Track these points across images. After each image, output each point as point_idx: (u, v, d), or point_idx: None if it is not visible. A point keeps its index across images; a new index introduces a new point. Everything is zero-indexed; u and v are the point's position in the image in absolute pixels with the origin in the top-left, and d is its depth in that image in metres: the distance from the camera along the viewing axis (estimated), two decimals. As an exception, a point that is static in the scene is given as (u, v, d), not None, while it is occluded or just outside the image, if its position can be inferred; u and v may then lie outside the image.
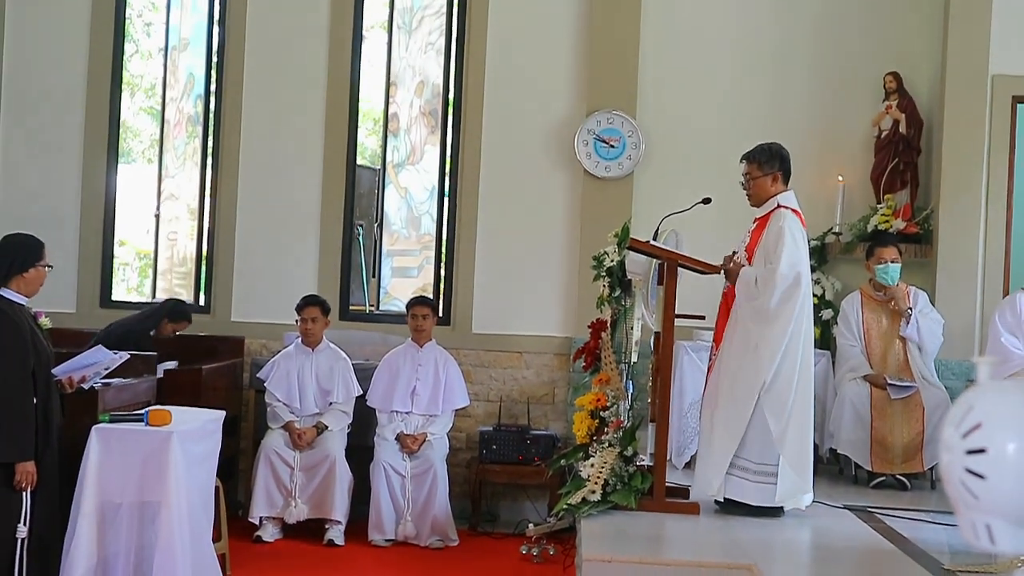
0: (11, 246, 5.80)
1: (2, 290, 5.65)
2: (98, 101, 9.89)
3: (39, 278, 5.80)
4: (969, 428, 2.01)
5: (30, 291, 5.78)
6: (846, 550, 5.91)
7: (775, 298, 6.27)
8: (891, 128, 9.02)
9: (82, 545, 5.74)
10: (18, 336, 5.55)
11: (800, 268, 6.32)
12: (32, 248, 5.80)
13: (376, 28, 10.14)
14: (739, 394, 6.31)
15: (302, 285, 9.36)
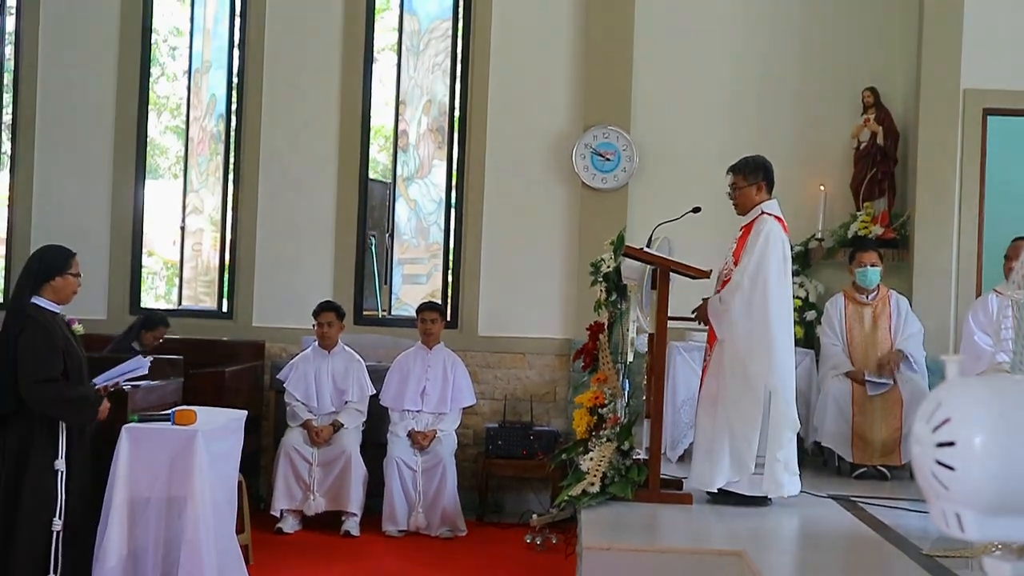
0: (41, 256, 5.77)
1: (35, 298, 5.60)
2: (126, 120, 9.91)
3: (67, 287, 5.71)
4: (939, 423, 2.02)
5: (60, 299, 5.70)
6: (831, 537, 5.88)
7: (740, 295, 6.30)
8: (869, 140, 9.02)
9: (113, 537, 5.74)
10: (49, 340, 5.50)
11: (763, 269, 6.31)
12: (60, 258, 5.73)
13: (386, 51, 10.16)
14: (741, 401, 6.29)
15: (318, 292, 9.36)
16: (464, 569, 7.56)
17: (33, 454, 5.48)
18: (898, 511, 6.54)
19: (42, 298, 5.63)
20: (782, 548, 5.70)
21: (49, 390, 5.48)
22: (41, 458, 5.50)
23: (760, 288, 6.31)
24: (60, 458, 5.53)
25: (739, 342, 6.32)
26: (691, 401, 8.11)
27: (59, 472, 5.52)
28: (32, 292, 5.62)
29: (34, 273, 5.66)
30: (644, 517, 6.02)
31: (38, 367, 5.45)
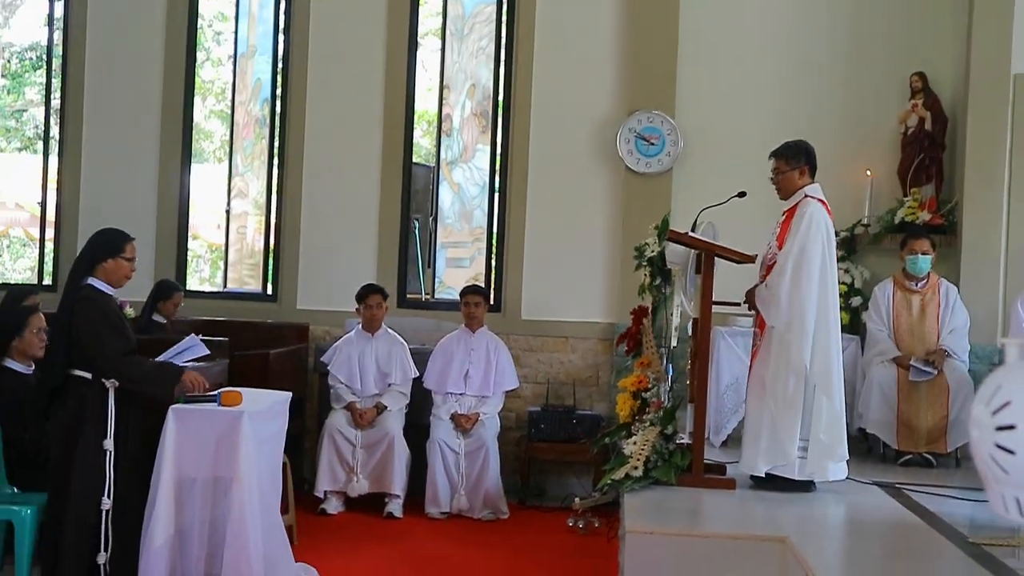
0: (96, 239, 5.75)
1: (90, 279, 5.61)
2: (173, 105, 9.96)
3: (119, 270, 5.68)
4: (999, 406, 1.98)
5: (112, 281, 5.68)
6: (875, 524, 5.84)
7: (783, 280, 6.26)
8: (917, 125, 8.92)
9: (161, 517, 5.76)
10: (106, 320, 5.53)
11: (806, 252, 6.27)
12: (112, 241, 5.71)
13: (430, 35, 10.15)
14: (784, 386, 6.25)
15: (362, 275, 9.37)
16: (506, 552, 7.56)
17: (83, 432, 5.49)
18: (944, 498, 6.50)
19: (96, 279, 5.63)
20: (827, 535, 5.66)
21: (135, 363, 5.60)
22: (91, 437, 5.51)
23: (804, 271, 6.28)
24: (109, 437, 5.55)
25: (782, 326, 6.28)
26: (735, 386, 8.10)
27: (107, 451, 5.54)
28: (86, 273, 5.63)
29: (89, 254, 5.68)
30: (687, 502, 6.00)
31: (119, 342, 5.54)
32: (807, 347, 6.21)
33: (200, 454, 5.81)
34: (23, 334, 6.35)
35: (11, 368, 6.30)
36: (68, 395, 5.53)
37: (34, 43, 13.01)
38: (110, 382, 5.55)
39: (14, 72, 14.96)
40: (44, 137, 10.43)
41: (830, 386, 6.30)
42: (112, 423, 5.57)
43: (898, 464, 7.76)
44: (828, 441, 6.31)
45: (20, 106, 15.14)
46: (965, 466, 7.81)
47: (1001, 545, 5.14)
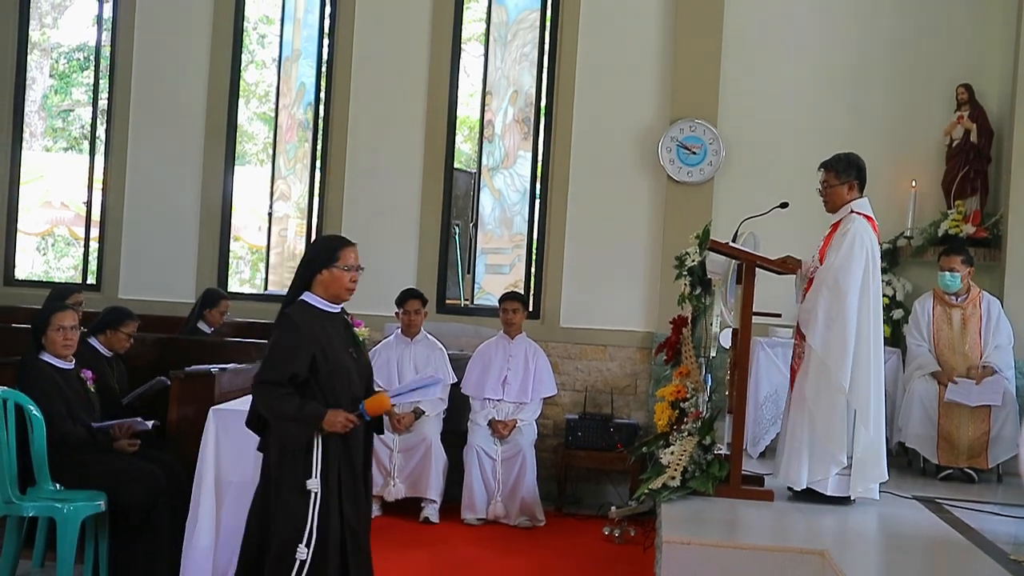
0: (311, 246, 5.14)
1: (306, 294, 4.87)
2: (217, 107, 10.05)
3: (336, 281, 4.84)
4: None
5: (331, 295, 4.87)
6: (914, 539, 5.79)
7: (823, 298, 6.22)
8: (962, 137, 8.85)
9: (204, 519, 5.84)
10: (292, 340, 4.73)
11: (845, 271, 6.22)
12: (328, 249, 4.90)
13: (473, 41, 10.17)
14: (823, 401, 6.23)
15: (402, 280, 9.41)
16: (542, 559, 7.55)
17: (284, 471, 4.75)
18: (985, 515, 6.44)
19: (312, 294, 4.86)
20: (865, 549, 5.62)
21: (262, 393, 4.76)
22: (290, 476, 4.73)
23: (842, 290, 6.21)
24: (315, 476, 4.72)
25: (820, 348, 6.23)
26: (773, 397, 8.06)
27: (311, 492, 4.71)
28: (302, 287, 4.88)
29: (304, 265, 4.92)
30: (724, 513, 5.97)
31: (263, 367, 4.76)
32: (846, 370, 6.15)
33: (241, 457, 5.83)
34: (47, 333, 6.35)
35: (50, 362, 6.33)
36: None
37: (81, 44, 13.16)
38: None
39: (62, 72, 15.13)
40: (91, 137, 10.54)
41: (868, 411, 6.23)
42: (319, 457, 4.74)
43: (938, 479, 7.70)
44: (864, 463, 6.26)
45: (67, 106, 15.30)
46: (1007, 482, 7.74)
47: (1043, 563, 5.10)
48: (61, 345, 6.34)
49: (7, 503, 5.87)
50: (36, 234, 13.47)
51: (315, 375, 4.74)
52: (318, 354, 4.70)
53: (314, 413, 4.68)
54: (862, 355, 6.23)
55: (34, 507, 5.89)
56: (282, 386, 4.68)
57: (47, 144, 13.53)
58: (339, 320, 4.92)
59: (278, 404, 4.71)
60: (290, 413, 4.68)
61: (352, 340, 4.98)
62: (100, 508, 6.04)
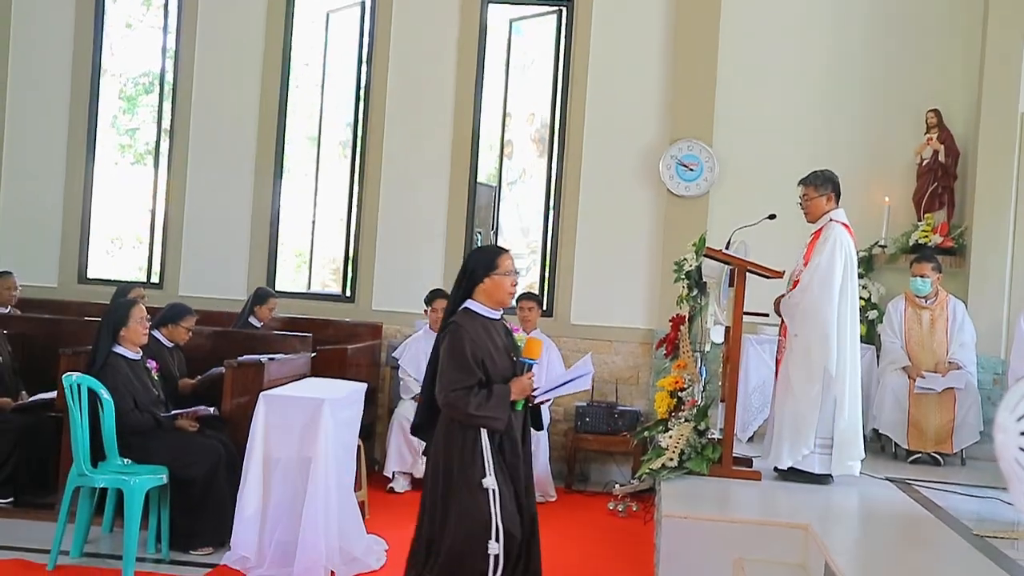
0: (470, 256, 4.67)
1: (469, 302, 4.52)
2: (267, 126, 10.03)
3: (498, 288, 4.50)
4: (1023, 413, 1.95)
5: (493, 302, 4.52)
6: (888, 515, 5.76)
7: (808, 294, 6.25)
8: (931, 157, 8.83)
9: (251, 491, 5.85)
10: (470, 346, 4.35)
11: (830, 271, 6.23)
12: (488, 258, 4.54)
13: (495, 68, 10.14)
14: (806, 388, 6.21)
15: (430, 281, 9.41)
16: (554, 531, 7.49)
17: (457, 472, 4.37)
18: (950, 494, 6.42)
19: (475, 302, 4.51)
20: (844, 523, 5.59)
21: (457, 401, 4.30)
22: (465, 477, 4.35)
23: (826, 289, 6.24)
24: (489, 474, 4.36)
25: (805, 336, 6.23)
26: (761, 388, 8.04)
27: (489, 490, 4.34)
28: (465, 295, 4.54)
29: (465, 275, 4.55)
30: (717, 490, 5.95)
31: (450, 376, 4.33)
32: (826, 355, 6.17)
33: (287, 436, 5.85)
34: (129, 324, 6.38)
35: (122, 354, 6.36)
36: (439, 423, 4.48)
37: (146, 71, 13.18)
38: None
39: (129, 95, 15.18)
40: (155, 152, 10.55)
41: (844, 396, 6.25)
42: (491, 453, 4.36)
43: (908, 462, 7.67)
44: (843, 443, 6.25)
45: (133, 125, 15.35)
46: (970, 465, 7.72)
47: (1003, 537, 5.07)
48: (141, 335, 6.40)
49: (81, 475, 5.89)
50: (106, 238, 13.53)
51: (487, 372, 4.41)
52: (487, 359, 4.38)
53: (503, 394, 4.35)
54: (840, 346, 6.23)
55: (104, 479, 5.91)
56: (472, 388, 4.31)
57: (116, 159, 13.56)
58: (500, 326, 4.58)
59: (476, 405, 4.28)
60: (489, 407, 4.30)
61: (513, 346, 4.62)
62: (162, 481, 6.06)
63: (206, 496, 6.25)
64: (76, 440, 5.89)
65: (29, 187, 10.32)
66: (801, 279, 6.37)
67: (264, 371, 6.52)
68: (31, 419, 7.12)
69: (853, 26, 9.25)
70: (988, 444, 8.00)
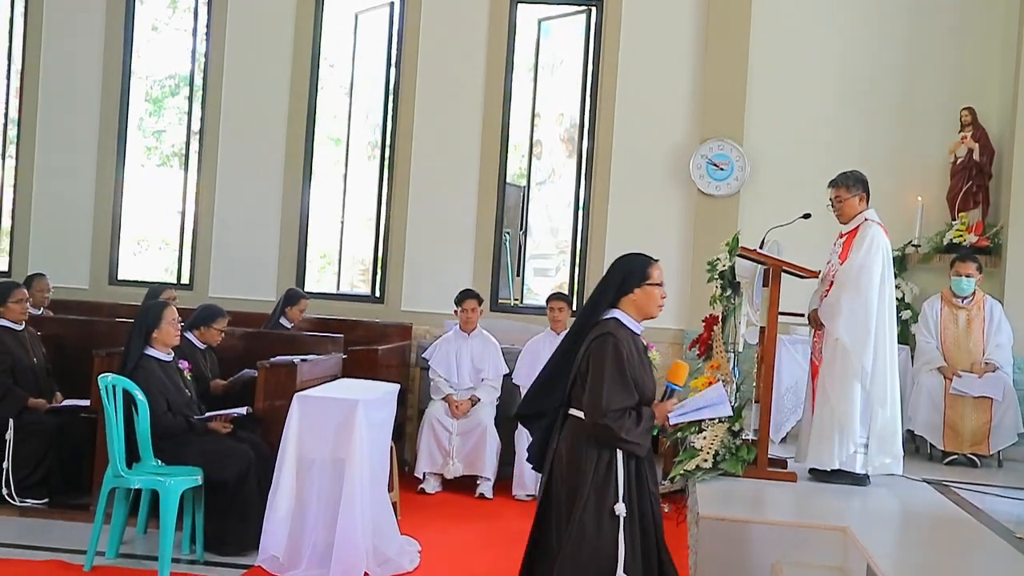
0: (619, 267, 4.32)
1: (614, 311, 4.21)
2: (296, 129, 10.06)
3: (649, 298, 4.23)
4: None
5: (642, 315, 4.25)
6: (928, 517, 5.71)
7: (847, 293, 6.19)
8: (966, 155, 8.76)
9: (284, 492, 5.86)
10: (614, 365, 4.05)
11: (870, 269, 6.19)
12: (640, 267, 4.27)
13: (524, 69, 10.14)
14: (847, 388, 6.17)
15: (460, 281, 9.41)
16: (585, 532, 7.50)
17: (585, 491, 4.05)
18: (989, 496, 6.35)
19: (623, 312, 4.21)
20: (883, 526, 5.52)
21: (616, 423, 4.01)
22: (595, 498, 4.05)
23: (864, 286, 6.20)
24: (620, 500, 4.07)
25: (844, 335, 6.18)
26: (794, 388, 7.98)
27: (620, 518, 4.05)
28: (610, 305, 4.24)
29: (613, 285, 4.25)
30: (753, 492, 5.90)
31: (610, 396, 4.02)
32: (867, 355, 6.12)
33: (320, 438, 5.85)
34: (161, 326, 6.40)
35: (153, 356, 6.38)
36: (563, 436, 4.18)
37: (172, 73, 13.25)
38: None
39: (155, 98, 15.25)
40: (185, 154, 10.59)
41: (884, 393, 6.22)
42: (624, 476, 4.08)
43: (944, 463, 7.60)
44: (883, 439, 6.22)
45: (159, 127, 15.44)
46: (1007, 467, 7.65)
47: (1047, 541, 5.01)
48: (173, 336, 6.43)
49: (116, 476, 5.91)
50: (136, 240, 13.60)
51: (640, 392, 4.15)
52: (637, 378, 4.11)
53: (650, 418, 4.11)
54: (879, 344, 6.20)
55: (140, 480, 5.92)
56: (628, 411, 4.05)
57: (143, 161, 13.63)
58: (640, 342, 4.25)
59: (631, 428, 4.02)
60: (638, 432, 4.05)
61: (649, 363, 4.33)
62: (197, 482, 6.07)
63: (236, 499, 6.26)
64: (112, 441, 5.91)
65: (60, 189, 10.40)
66: (837, 278, 6.32)
67: (297, 372, 6.53)
68: (64, 420, 7.15)
69: (886, 23, 9.18)
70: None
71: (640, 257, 4.34)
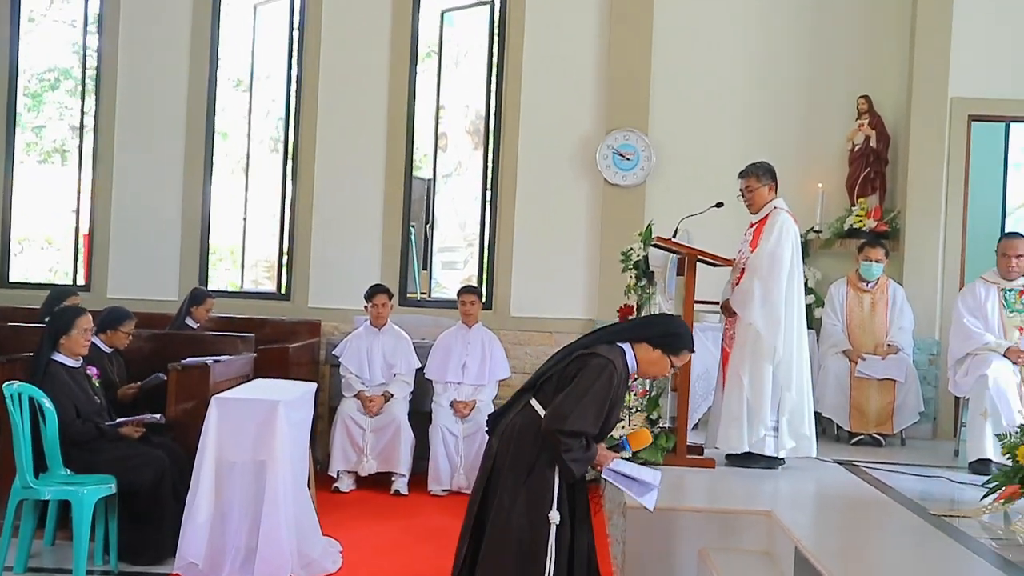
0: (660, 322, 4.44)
1: (626, 346, 4.27)
2: (196, 122, 9.82)
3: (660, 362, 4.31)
4: None
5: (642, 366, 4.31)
6: (845, 498, 5.85)
7: (758, 279, 6.33)
8: (863, 143, 8.99)
9: (203, 496, 5.71)
10: (611, 392, 4.13)
11: (780, 256, 6.34)
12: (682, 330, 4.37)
13: (429, 61, 10.08)
14: (759, 372, 6.30)
15: (367, 276, 9.32)
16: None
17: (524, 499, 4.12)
18: (896, 474, 6.54)
19: (632, 353, 4.27)
20: (805, 508, 5.67)
21: (569, 443, 4.05)
22: (528, 497, 4.12)
23: (775, 272, 6.34)
24: (554, 508, 4.12)
25: (757, 320, 6.31)
26: (705, 375, 8.07)
27: (552, 526, 4.10)
28: (628, 339, 4.30)
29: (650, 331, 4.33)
30: (674, 480, 5.96)
31: (577, 415, 4.04)
32: (779, 339, 6.27)
33: (241, 440, 5.74)
34: (71, 333, 6.20)
35: (61, 362, 6.18)
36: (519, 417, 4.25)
37: (52, 66, 12.81)
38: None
39: (34, 92, 14.72)
40: (79, 150, 10.23)
41: (793, 377, 6.37)
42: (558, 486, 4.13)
43: (850, 444, 7.83)
44: (791, 421, 6.37)
45: (39, 122, 14.92)
46: (910, 445, 7.90)
47: (959, 516, 5.18)
48: (82, 345, 6.22)
49: (25, 488, 5.70)
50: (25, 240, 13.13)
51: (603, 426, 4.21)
52: (608, 415, 4.17)
53: (594, 455, 4.18)
54: (789, 329, 6.38)
55: (51, 491, 5.72)
56: (585, 438, 4.09)
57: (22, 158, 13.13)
58: (627, 382, 4.31)
59: (577, 452, 4.07)
60: (580, 459, 4.08)
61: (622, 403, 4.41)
62: (111, 490, 5.89)
63: (151, 506, 6.09)
64: (19, 451, 5.69)
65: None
66: (749, 265, 6.44)
67: (210, 373, 6.39)
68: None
69: (785, 14, 9.35)
70: (926, 424, 8.26)
71: (689, 335, 4.39)
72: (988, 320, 7.17)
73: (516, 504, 4.09)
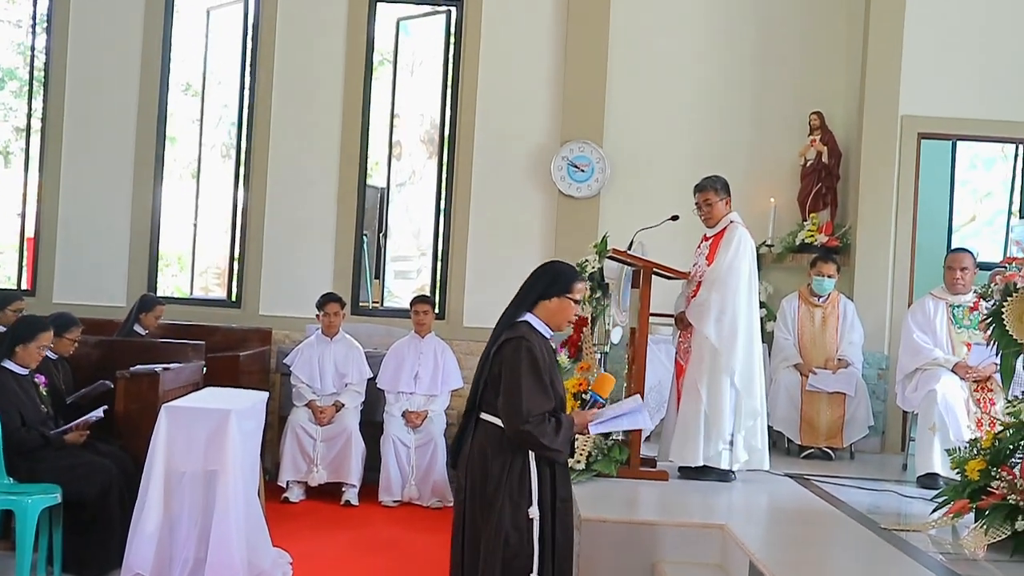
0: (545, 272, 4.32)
1: (528, 316, 4.19)
2: (147, 126, 9.68)
3: (563, 311, 4.22)
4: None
5: (552, 322, 4.22)
6: (797, 512, 5.87)
7: (716, 293, 6.37)
8: (815, 158, 9.08)
9: (152, 506, 5.62)
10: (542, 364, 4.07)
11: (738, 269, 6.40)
12: (566, 278, 4.25)
13: (384, 69, 10.04)
14: (716, 385, 6.33)
15: (319, 285, 9.26)
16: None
17: (501, 499, 4.06)
18: (846, 488, 6.59)
19: (536, 318, 4.19)
20: (758, 522, 5.69)
21: (534, 429, 3.98)
22: (510, 505, 4.06)
23: (733, 286, 6.39)
24: (534, 504, 4.08)
25: (714, 334, 6.34)
26: (658, 387, 8.11)
27: (533, 521, 4.08)
28: (526, 309, 4.20)
29: (533, 288, 4.24)
30: (628, 492, 5.99)
31: (526, 402, 3.99)
32: (735, 353, 6.30)
33: (191, 449, 5.66)
34: (29, 345, 6.11)
35: (10, 369, 6.07)
36: (476, 440, 4.18)
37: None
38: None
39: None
40: (25, 152, 10.06)
41: (752, 388, 6.42)
42: (536, 481, 4.09)
43: (801, 457, 7.88)
44: (746, 435, 6.42)
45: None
46: (859, 459, 7.98)
47: (909, 531, 5.24)
48: (36, 359, 6.17)
49: (-34, 498, 5.59)
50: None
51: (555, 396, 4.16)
52: (555, 382, 4.14)
53: (570, 425, 4.12)
54: (746, 342, 6.41)
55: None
56: (547, 416, 4.02)
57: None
58: (550, 345, 4.24)
59: (552, 435, 4.01)
60: (560, 437, 4.05)
61: (559, 364, 4.36)
62: (56, 500, 5.79)
63: (97, 516, 6.01)
64: (-39, 460, 5.58)
65: None
66: (706, 279, 6.48)
67: (160, 381, 6.31)
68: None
69: (739, 30, 9.43)
70: (875, 438, 8.35)
71: (569, 269, 4.34)
72: (937, 335, 7.27)
73: (503, 515, 4.04)
